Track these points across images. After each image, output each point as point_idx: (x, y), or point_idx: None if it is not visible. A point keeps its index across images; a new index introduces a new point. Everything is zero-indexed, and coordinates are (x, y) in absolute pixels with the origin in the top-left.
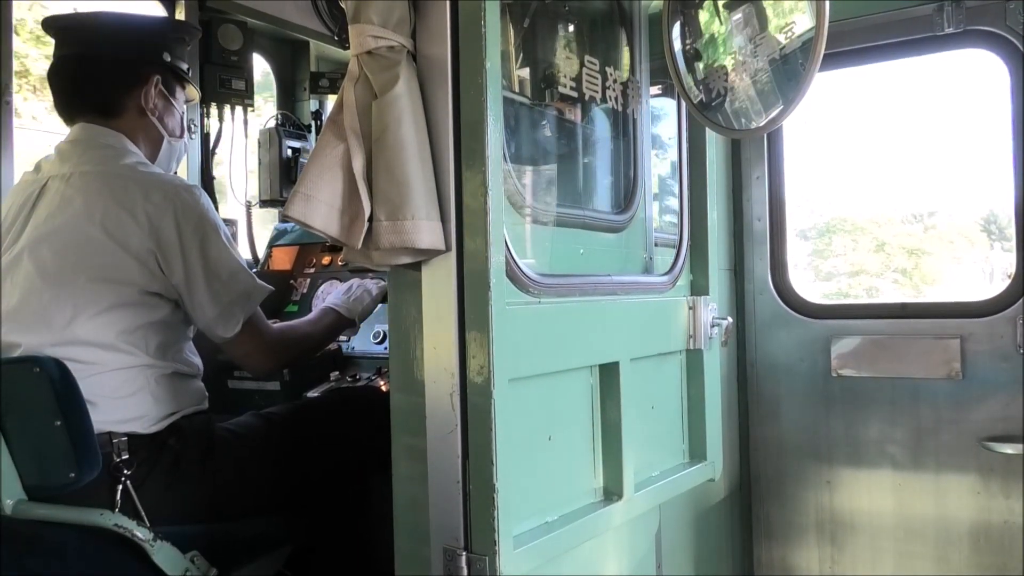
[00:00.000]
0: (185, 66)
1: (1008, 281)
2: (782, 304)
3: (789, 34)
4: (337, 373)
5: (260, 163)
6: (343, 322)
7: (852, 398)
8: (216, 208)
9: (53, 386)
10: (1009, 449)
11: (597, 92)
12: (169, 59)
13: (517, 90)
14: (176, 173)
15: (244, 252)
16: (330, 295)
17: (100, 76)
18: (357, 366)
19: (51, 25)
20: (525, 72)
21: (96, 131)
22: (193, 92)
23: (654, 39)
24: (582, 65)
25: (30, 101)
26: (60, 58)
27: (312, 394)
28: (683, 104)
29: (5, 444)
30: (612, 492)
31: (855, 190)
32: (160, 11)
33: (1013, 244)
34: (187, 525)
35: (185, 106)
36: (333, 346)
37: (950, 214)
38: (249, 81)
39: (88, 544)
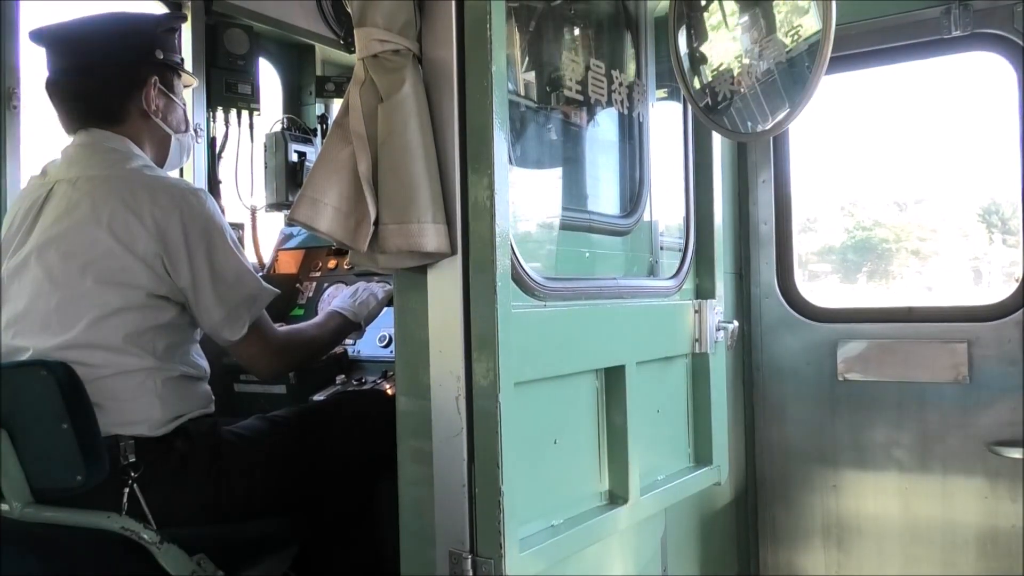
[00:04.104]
0: (178, 57)
1: (1016, 284)
2: (788, 308)
3: (795, 37)
4: (343, 377)
5: (266, 167)
6: (349, 326)
7: (858, 402)
8: (222, 212)
9: (60, 389)
10: (1016, 453)
11: (603, 95)
12: (162, 56)
13: (523, 93)
14: (183, 171)
15: (250, 256)
16: (336, 299)
17: (99, 86)
18: (363, 370)
19: (41, 37)
20: (531, 75)
21: (102, 135)
22: (190, 79)
23: (660, 42)
24: (588, 68)
25: None
26: (57, 70)
27: (318, 398)
28: (689, 107)
29: (12, 447)
30: (618, 496)
31: (856, 191)
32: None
33: (1015, 243)
34: (193, 527)
35: (185, 93)
36: (339, 350)
37: (941, 201)
38: (255, 85)
39: (95, 546)
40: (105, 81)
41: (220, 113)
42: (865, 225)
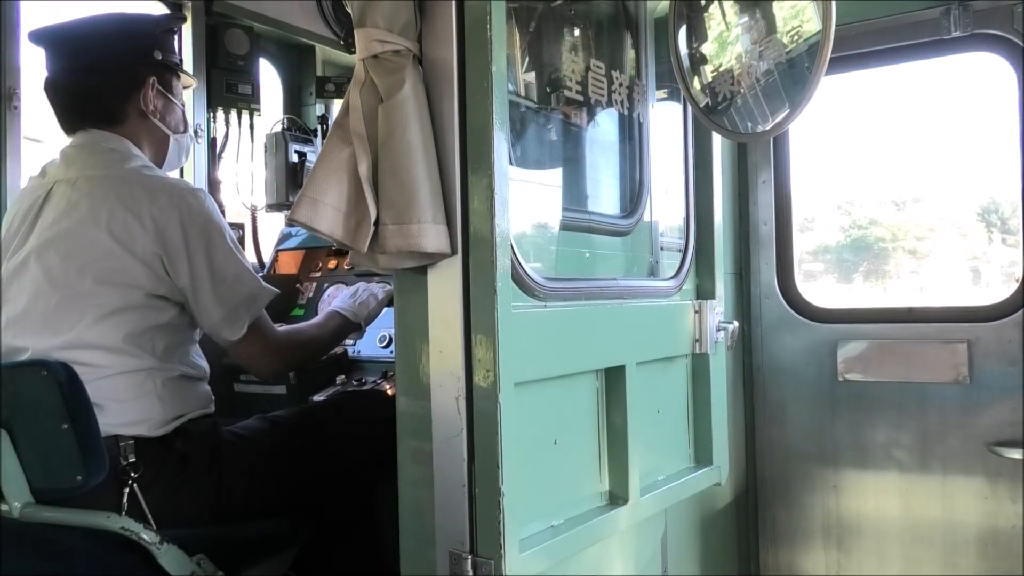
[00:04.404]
0: (177, 58)
1: (1016, 285)
2: (788, 308)
3: (795, 38)
4: (343, 377)
5: (266, 167)
6: (349, 326)
7: (858, 402)
8: (222, 212)
9: (60, 389)
10: (1016, 454)
11: (603, 96)
12: (160, 56)
13: (523, 94)
14: (183, 172)
15: (250, 256)
16: (336, 299)
17: (97, 86)
18: (363, 370)
19: (40, 37)
20: (531, 76)
21: (100, 136)
22: (189, 80)
23: (660, 43)
24: (588, 69)
25: None
26: (56, 71)
27: (318, 398)
28: (689, 108)
29: (13, 447)
30: (618, 496)
31: (854, 191)
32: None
33: (1016, 241)
34: (193, 528)
35: (184, 94)
36: (339, 350)
37: (939, 201)
38: (255, 86)
39: (95, 547)
40: (104, 81)
41: (220, 113)
42: (863, 224)
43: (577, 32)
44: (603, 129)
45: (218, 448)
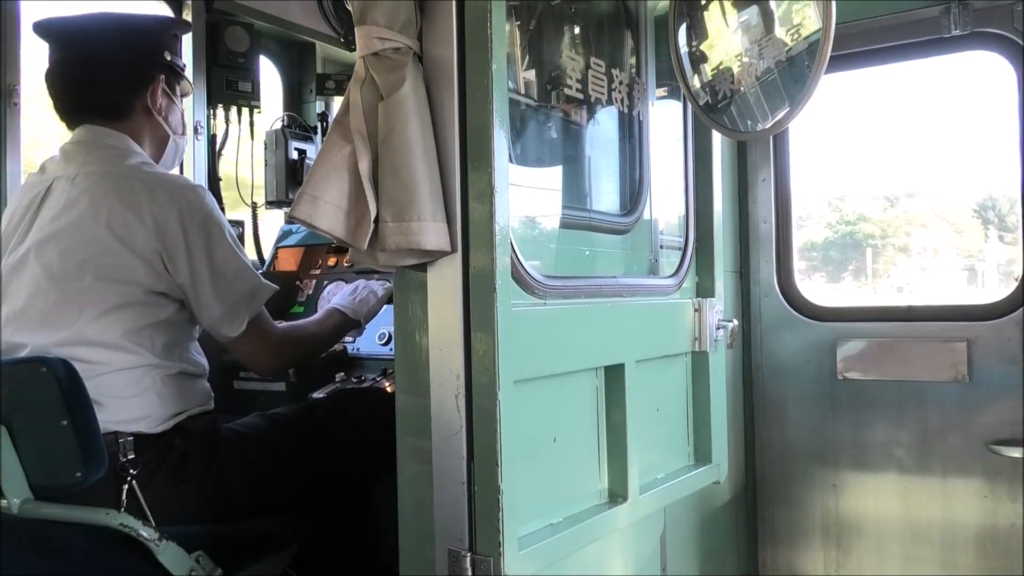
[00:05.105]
0: (181, 63)
1: (1015, 283)
2: (788, 307)
3: (795, 36)
4: (342, 374)
5: (266, 164)
6: (348, 323)
7: (858, 401)
8: (222, 209)
9: (60, 386)
10: (1016, 453)
11: (603, 94)
12: (169, 57)
13: (523, 92)
14: (183, 169)
15: (250, 253)
16: (336, 296)
17: (107, 78)
18: (362, 367)
19: (46, 29)
20: (531, 74)
21: (100, 132)
22: (187, 86)
23: (660, 41)
24: (588, 67)
25: None
26: (61, 61)
27: (317, 395)
28: (689, 106)
29: (12, 444)
30: (617, 494)
31: (854, 189)
32: (165, 11)
33: (1014, 238)
34: (192, 525)
35: (182, 100)
36: (338, 347)
37: (937, 198)
38: (255, 83)
39: (94, 543)
40: (113, 73)
41: (220, 110)
42: (863, 220)
43: (577, 30)
44: (603, 127)
45: (217, 445)
